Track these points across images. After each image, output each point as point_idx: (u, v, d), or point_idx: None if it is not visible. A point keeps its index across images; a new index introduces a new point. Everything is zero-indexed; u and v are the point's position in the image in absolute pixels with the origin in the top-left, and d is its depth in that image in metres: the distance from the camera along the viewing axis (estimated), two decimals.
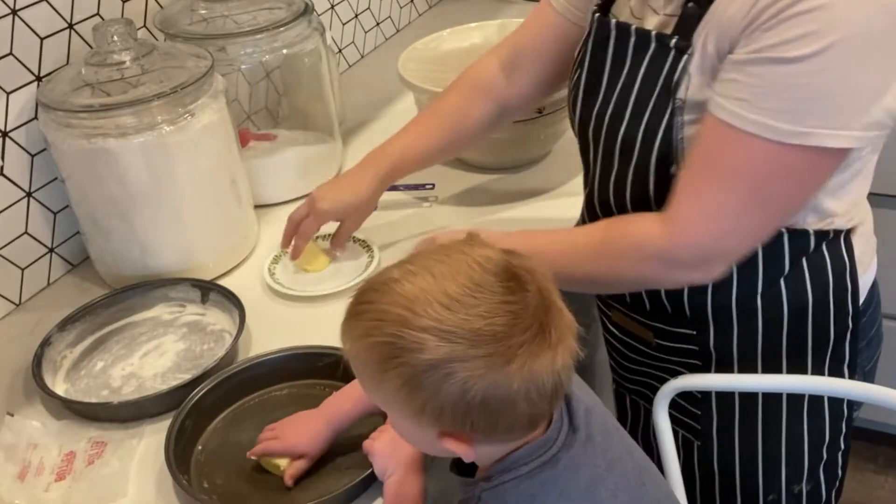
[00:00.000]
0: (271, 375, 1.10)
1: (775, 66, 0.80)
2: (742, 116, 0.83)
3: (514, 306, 0.68)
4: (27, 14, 1.23)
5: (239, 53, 1.39)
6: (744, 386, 1.05)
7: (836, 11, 0.77)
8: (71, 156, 1.21)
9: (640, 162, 0.95)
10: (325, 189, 1.26)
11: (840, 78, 0.79)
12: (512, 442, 0.76)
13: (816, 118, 0.80)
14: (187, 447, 1.02)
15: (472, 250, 0.71)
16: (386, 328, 0.69)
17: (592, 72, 1.01)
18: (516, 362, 0.67)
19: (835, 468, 1.13)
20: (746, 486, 1.12)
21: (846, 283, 1.01)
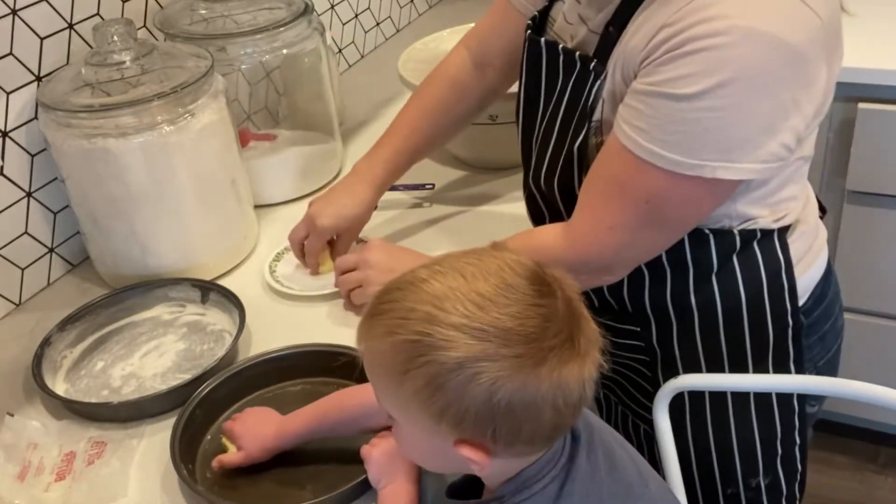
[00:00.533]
0: (285, 370, 1.10)
1: (668, 101, 0.83)
2: (640, 144, 0.86)
3: (545, 310, 0.67)
4: (27, 14, 1.23)
5: (239, 53, 1.39)
6: (744, 386, 1.05)
7: (725, 52, 0.79)
8: (71, 156, 1.21)
9: (564, 169, 0.99)
10: (321, 204, 1.26)
11: (730, 115, 0.81)
12: (528, 456, 0.74)
13: (709, 152, 0.83)
14: (196, 436, 1.03)
15: (503, 254, 0.71)
16: (412, 325, 0.67)
17: (531, 86, 1.05)
18: (547, 365, 0.66)
19: (793, 462, 1.14)
20: (705, 481, 1.14)
21: (782, 282, 1.02)
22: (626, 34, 0.90)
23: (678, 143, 0.83)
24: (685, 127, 0.82)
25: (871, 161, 1.73)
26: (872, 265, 1.86)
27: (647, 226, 0.91)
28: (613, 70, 0.92)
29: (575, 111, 0.97)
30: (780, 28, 0.80)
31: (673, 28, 0.83)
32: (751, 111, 0.82)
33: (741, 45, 0.79)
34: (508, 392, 0.65)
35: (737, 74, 0.79)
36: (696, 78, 0.80)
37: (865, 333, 1.92)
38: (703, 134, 0.82)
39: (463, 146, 1.54)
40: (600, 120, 0.94)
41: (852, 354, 1.41)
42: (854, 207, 1.81)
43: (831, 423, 2.14)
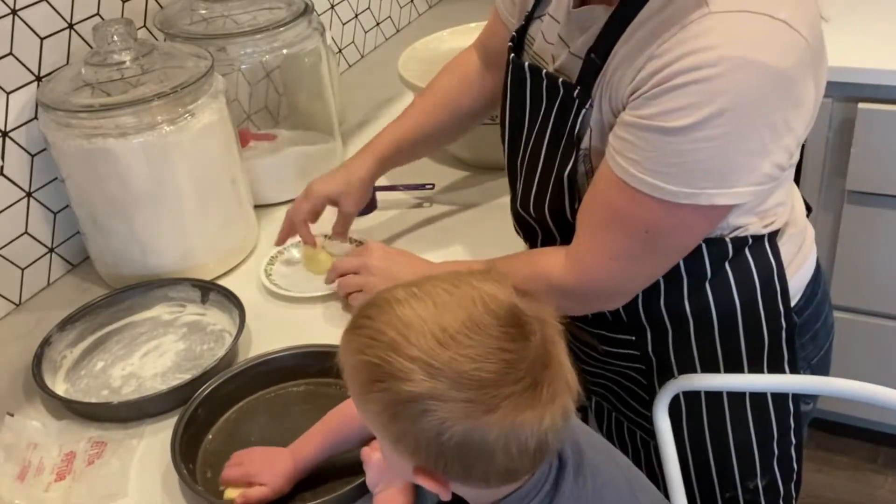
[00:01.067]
0: (288, 370, 1.10)
1: (661, 135, 0.83)
2: (635, 176, 0.86)
3: (510, 355, 0.66)
4: (27, 14, 1.23)
5: (239, 53, 1.39)
6: (745, 386, 1.05)
7: (716, 83, 0.79)
8: (71, 156, 1.21)
9: (554, 196, 1.00)
10: (320, 176, 1.28)
11: (724, 144, 0.81)
12: (492, 487, 0.73)
13: (705, 180, 0.83)
14: (197, 436, 1.03)
15: (483, 285, 0.69)
16: (377, 349, 0.67)
17: (515, 109, 1.05)
18: (498, 413, 0.65)
19: (789, 462, 1.15)
20: (703, 486, 1.14)
21: (774, 286, 1.03)
22: (611, 63, 0.90)
23: (673, 174, 0.83)
24: (680, 158, 0.83)
25: (871, 161, 1.73)
26: (872, 265, 1.86)
27: (647, 254, 0.92)
28: (600, 99, 0.91)
29: (561, 138, 0.96)
30: (769, 55, 0.80)
31: (661, 60, 0.82)
32: (743, 138, 0.82)
33: (731, 76, 0.79)
34: (457, 433, 0.65)
35: (728, 105, 0.79)
36: (688, 111, 0.80)
37: (865, 333, 1.92)
38: (697, 164, 0.83)
39: (463, 146, 1.54)
40: (588, 148, 0.94)
41: (851, 354, 1.42)
42: (854, 207, 1.81)
43: (831, 423, 2.14)
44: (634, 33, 0.87)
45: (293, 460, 0.95)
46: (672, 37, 0.82)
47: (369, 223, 1.43)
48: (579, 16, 0.96)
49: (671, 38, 0.82)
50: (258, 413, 1.07)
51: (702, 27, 0.80)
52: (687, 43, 0.81)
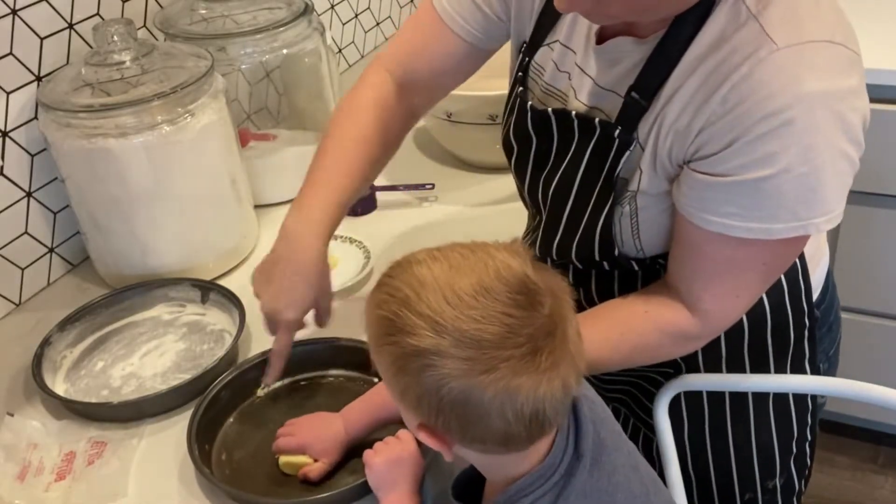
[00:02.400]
0: (316, 361, 1.11)
1: (754, 185, 0.81)
2: (736, 227, 0.84)
3: (513, 320, 0.67)
4: (27, 14, 1.23)
5: (239, 53, 1.40)
6: (744, 386, 1.05)
7: (798, 124, 0.78)
8: (71, 156, 1.21)
9: (585, 235, 0.97)
10: (269, 296, 1.04)
11: (817, 175, 0.81)
12: (494, 455, 0.74)
13: (808, 210, 0.83)
14: (218, 417, 1.04)
15: (498, 254, 0.71)
16: (391, 305, 0.70)
17: (541, 147, 1.00)
18: (495, 374, 0.67)
19: (804, 459, 1.15)
20: (722, 488, 1.14)
21: (800, 286, 1.03)
22: (664, 104, 0.86)
23: (777, 214, 0.83)
24: (779, 199, 0.82)
25: (871, 161, 1.71)
26: (872, 265, 1.86)
27: (765, 279, 0.92)
28: (654, 142, 0.87)
29: (597, 179, 0.93)
30: (839, 80, 0.80)
31: (740, 109, 0.80)
32: (834, 163, 0.82)
33: (812, 112, 0.78)
34: (455, 390, 0.67)
35: (814, 139, 0.79)
36: (777, 157, 0.79)
37: (865, 333, 1.92)
38: (797, 199, 0.82)
39: (463, 146, 1.54)
40: (636, 190, 0.91)
41: (852, 354, 1.41)
42: (854, 207, 1.80)
43: (831, 423, 2.14)
44: (690, 74, 0.84)
45: (346, 430, 0.97)
46: (742, 80, 0.79)
47: (369, 223, 1.43)
48: (606, 50, 0.92)
49: (742, 83, 0.79)
50: (282, 401, 1.08)
51: (773, 67, 0.78)
52: (761, 87, 0.79)
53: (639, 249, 0.96)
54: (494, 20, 1.06)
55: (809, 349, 1.07)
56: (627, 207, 0.92)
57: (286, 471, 0.98)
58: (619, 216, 0.93)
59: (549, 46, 1.00)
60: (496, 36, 1.08)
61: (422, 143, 1.65)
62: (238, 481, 0.97)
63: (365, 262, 1.31)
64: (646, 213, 0.92)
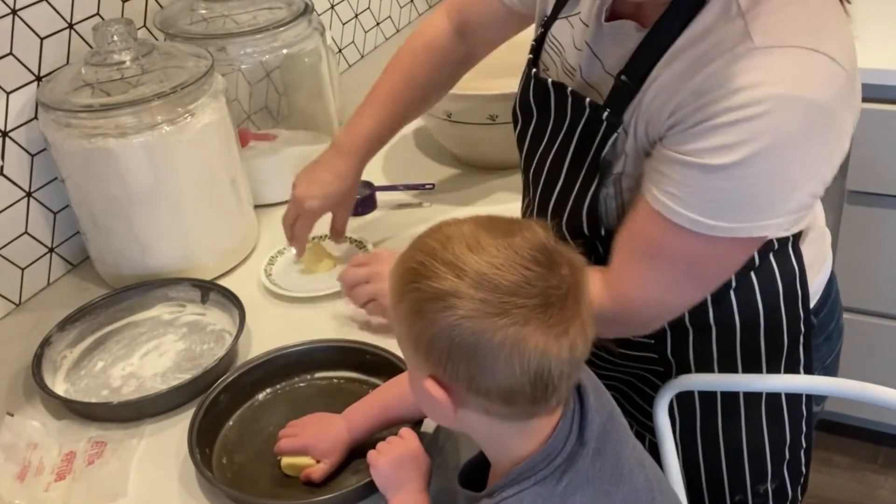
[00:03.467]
0: (314, 363, 1.11)
1: (703, 172, 0.82)
2: (672, 209, 0.85)
3: (530, 273, 0.70)
4: (27, 14, 1.23)
5: (239, 53, 1.40)
6: (744, 386, 1.05)
7: (761, 122, 0.78)
8: (71, 156, 1.21)
9: (573, 213, 0.99)
10: (305, 184, 1.23)
11: (764, 181, 0.81)
12: (496, 418, 0.75)
13: (743, 214, 0.83)
14: (218, 421, 1.04)
15: (529, 224, 0.75)
16: (418, 256, 0.74)
17: (540, 121, 1.03)
18: (506, 319, 0.69)
19: (798, 465, 1.15)
20: (712, 488, 1.14)
21: (796, 291, 1.03)
22: (647, 91, 0.88)
23: (714, 209, 0.83)
24: (721, 195, 0.82)
25: (871, 161, 1.73)
26: (872, 265, 1.86)
27: (686, 284, 0.92)
28: (635, 127, 0.89)
29: (584, 159, 0.95)
30: (813, 90, 0.79)
31: (706, 97, 0.81)
32: (784, 173, 0.82)
33: (776, 114, 0.78)
34: (467, 332, 0.70)
35: (772, 142, 0.79)
36: (732, 149, 0.80)
37: (865, 333, 1.92)
38: (738, 200, 0.83)
39: (463, 146, 1.54)
40: (622, 173, 0.93)
41: (852, 354, 1.41)
42: (854, 207, 1.81)
43: (831, 423, 2.14)
44: (673, 61, 0.85)
45: (348, 431, 0.97)
46: (716, 72, 0.81)
47: (369, 222, 1.43)
48: (611, 30, 0.93)
49: (715, 74, 0.81)
50: (281, 403, 1.08)
51: (747, 64, 0.79)
52: (732, 80, 0.79)
53: None
54: None
55: (805, 356, 1.06)
56: (612, 189, 0.94)
57: (288, 472, 0.98)
58: (604, 197, 0.95)
59: (569, 21, 1.01)
60: (529, 3, 1.11)
61: (422, 143, 1.65)
62: (240, 484, 0.97)
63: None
64: (631, 196, 0.93)
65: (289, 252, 1.34)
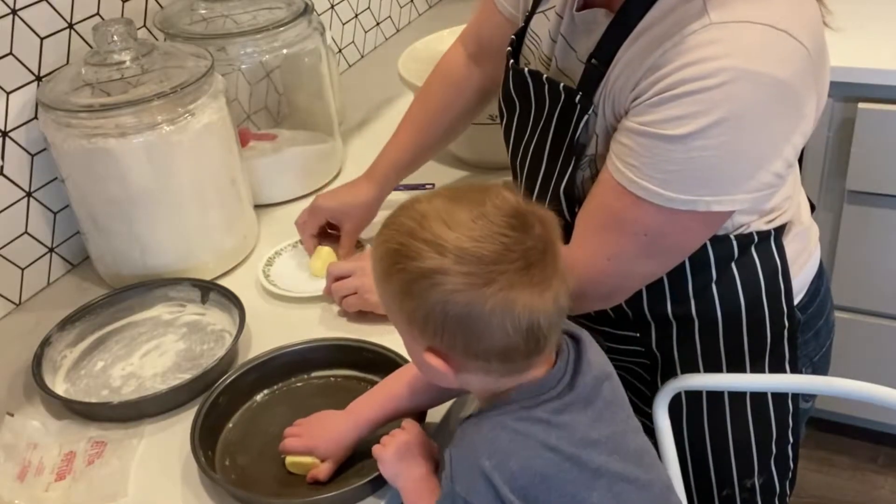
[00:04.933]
0: (311, 362, 1.12)
1: (660, 142, 0.83)
2: (633, 181, 0.87)
3: (507, 239, 0.73)
4: (27, 14, 1.23)
5: (239, 53, 1.39)
6: (745, 386, 1.06)
7: (716, 93, 0.80)
8: (71, 156, 1.21)
9: (553, 197, 1.01)
10: (325, 192, 1.33)
11: (722, 153, 0.82)
12: (495, 375, 0.79)
13: (702, 188, 0.84)
14: (218, 424, 1.04)
15: (497, 190, 0.77)
16: (397, 237, 0.76)
17: (522, 114, 1.05)
18: (493, 286, 0.72)
19: (786, 460, 1.15)
20: (700, 483, 1.15)
21: (779, 285, 1.03)
22: (612, 70, 0.90)
23: (671, 181, 0.84)
24: (677, 166, 0.83)
25: (870, 161, 1.73)
26: (872, 265, 1.86)
27: (645, 256, 0.93)
28: (603, 107, 0.92)
29: (562, 144, 0.97)
30: (770, 65, 0.80)
31: (662, 70, 0.83)
32: (742, 148, 0.82)
33: (731, 86, 0.79)
34: (459, 305, 0.73)
35: (728, 114, 0.80)
36: (687, 119, 0.81)
37: (864, 333, 1.93)
38: (695, 172, 0.83)
39: (463, 146, 1.54)
40: (594, 154, 0.95)
41: (851, 354, 1.42)
42: (854, 207, 1.81)
43: (831, 423, 2.14)
44: (636, 41, 0.88)
45: (355, 426, 0.98)
46: (674, 46, 0.82)
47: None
48: (582, 18, 0.96)
49: (673, 48, 0.83)
50: (281, 403, 1.08)
51: (703, 38, 0.81)
52: (688, 53, 0.81)
53: None
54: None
55: (790, 352, 1.07)
56: (588, 171, 0.96)
57: (293, 470, 0.98)
58: (580, 180, 0.97)
59: (545, 14, 1.04)
60: (520, 8, 1.14)
61: None
62: (246, 485, 0.97)
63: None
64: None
65: (287, 252, 1.34)
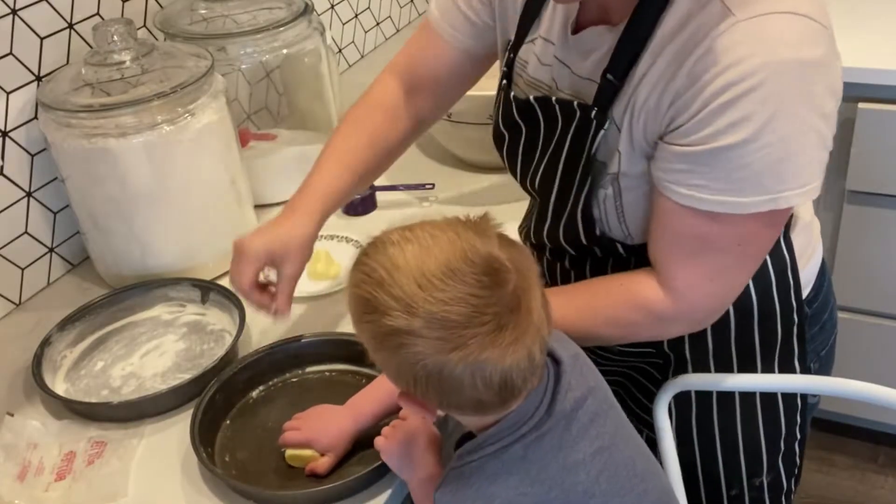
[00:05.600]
0: (306, 357, 1.12)
1: (719, 154, 0.82)
2: (704, 200, 0.85)
3: (478, 300, 0.72)
4: (27, 14, 1.23)
5: (239, 53, 1.40)
6: (744, 385, 1.05)
7: (762, 91, 0.79)
8: (71, 156, 1.21)
9: (570, 218, 0.99)
10: (256, 231, 1.09)
11: (786, 145, 0.82)
12: (469, 418, 0.80)
13: (778, 183, 0.84)
14: (215, 421, 1.04)
15: (466, 234, 0.75)
16: (368, 285, 0.75)
17: (531, 133, 1.02)
18: (463, 351, 0.72)
19: (793, 457, 1.15)
20: (709, 483, 1.14)
21: (788, 281, 1.03)
22: (636, 86, 0.88)
23: (746, 187, 0.84)
24: (747, 170, 0.83)
25: (871, 161, 1.73)
26: (872, 265, 1.86)
27: (742, 265, 0.92)
28: (630, 125, 0.89)
29: (578, 162, 0.95)
30: (804, 50, 0.80)
31: (702, 79, 0.82)
32: (802, 134, 0.82)
33: (775, 79, 0.79)
34: (429, 365, 0.73)
35: (780, 107, 0.80)
36: (742, 124, 0.80)
37: (865, 333, 1.93)
38: (765, 170, 0.83)
39: (463, 146, 1.54)
40: (617, 172, 0.93)
41: (852, 354, 1.42)
42: (854, 207, 1.81)
43: (831, 423, 2.14)
44: (658, 54, 0.86)
45: (353, 420, 0.99)
46: (706, 53, 0.81)
47: (369, 223, 1.43)
48: (580, 41, 0.95)
49: (705, 55, 0.81)
50: (277, 398, 1.09)
51: (734, 38, 0.80)
52: (724, 56, 0.80)
53: (627, 234, 0.97)
54: (482, 26, 1.10)
55: (798, 347, 1.07)
56: (610, 189, 0.94)
57: (293, 463, 0.98)
58: (601, 199, 0.95)
59: (532, 42, 1.02)
60: (489, 41, 1.11)
61: (422, 143, 1.65)
62: (247, 480, 0.97)
63: None
64: (629, 196, 0.94)
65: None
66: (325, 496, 0.93)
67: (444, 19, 1.11)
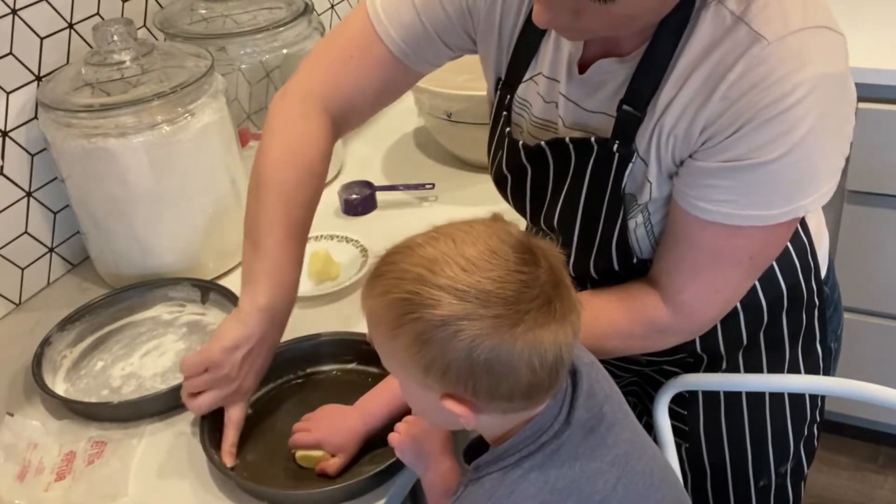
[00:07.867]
0: (314, 357, 1.12)
1: (752, 171, 0.83)
2: (732, 214, 0.86)
3: (526, 276, 0.72)
4: (27, 14, 1.23)
5: (239, 53, 1.40)
6: (744, 385, 1.06)
7: (798, 109, 0.80)
8: (71, 155, 1.21)
9: (601, 250, 0.98)
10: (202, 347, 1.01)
11: (815, 158, 0.83)
12: (512, 413, 0.77)
13: (802, 195, 0.85)
14: (222, 422, 1.03)
15: (495, 224, 0.75)
16: (405, 285, 0.72)
17: (539, 172, 1.00)
18: (522, 326, 0.70)
19: (812, 440, 1.17)
20: (738, 477, 1.14)
21: (809, 263, 1.05)
22: (661, 114, 0.87)
23: (773, 200, 0.84)
24: (776, 184, 0.83)
25: (871, 161, 1.73)
26: (872, 265, 1.86)
27: (749, 277, 0.93)
28: (658, 155, 0.89)
29: (603, 195, 0.94)
30: (830, 64, 0.81)
31: (740, 103, 0.81)
32: (830, 146, 0.84)
33: (810, 97, 0.80)
34: (486, 349, 0.70)
35: (814, 122, 0.81)
36: (777, 142, 0.81)
37: (865, 333, 1.93)
38: (795, 183, 0.84)
39: (463, 146, 1.54)
40: (648, 200, 0.92)
41: (852, 354, 1.41)
42: (854, 207, 1.81)
43: (831, 423, 2.14)
44: (684, 81, 0.85)
45: (363, 421, 0.98)
46: (740, 77, 0.81)
47: (369, 223, 1.43)
48: (589, 77, 0.93)
49: (740, 80, 0.81)
50: (282, 399, 1.09)
51: (770, 60, 0.80)
52: (760, 79, 0.80)
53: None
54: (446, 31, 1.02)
55: (819, 330, 1.09)
56: (640, 217, 0.94)
57: (304, 464, 0.99)
58: (632, 228, 0.95)
59: (533, 80, 1.00)
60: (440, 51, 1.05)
61: (422, 143, 1.65)
62: (259, 481, 0.97)
63: (363, 261, 1.31)
64: (658, 216, 0.94)
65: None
66: (336, 496, 0.94)
67: (401, 38, 1.02)
